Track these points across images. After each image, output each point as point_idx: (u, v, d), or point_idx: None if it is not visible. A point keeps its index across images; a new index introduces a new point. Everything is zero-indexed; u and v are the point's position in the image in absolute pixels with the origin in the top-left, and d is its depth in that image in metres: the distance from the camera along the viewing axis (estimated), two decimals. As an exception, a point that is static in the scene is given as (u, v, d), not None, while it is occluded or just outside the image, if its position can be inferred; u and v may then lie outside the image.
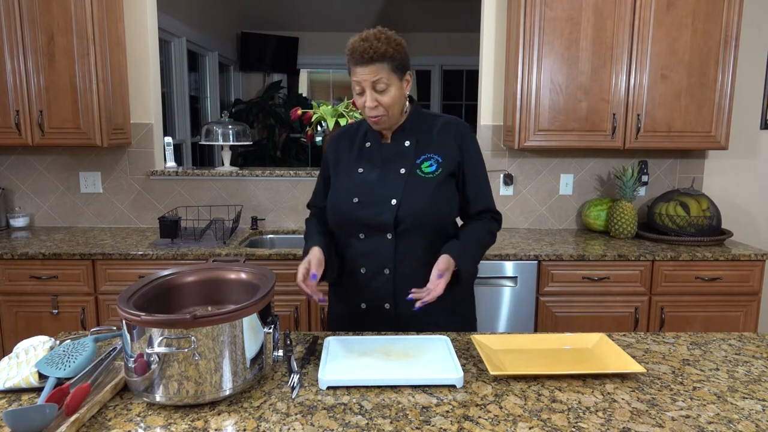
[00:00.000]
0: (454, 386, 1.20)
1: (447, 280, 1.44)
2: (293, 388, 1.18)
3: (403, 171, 1.54)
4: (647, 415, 1.09)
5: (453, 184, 1.58)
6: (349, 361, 1.28)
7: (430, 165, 1.54)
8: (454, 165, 1.56)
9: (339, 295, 1.67)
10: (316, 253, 1.51)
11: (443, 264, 1.45)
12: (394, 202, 1.51)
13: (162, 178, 3.09)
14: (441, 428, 1.04)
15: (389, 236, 1.53)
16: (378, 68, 1.43)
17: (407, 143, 1.57)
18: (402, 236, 1.53)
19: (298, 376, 1.22)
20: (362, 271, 1.57)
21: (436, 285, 1.42)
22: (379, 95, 1.46)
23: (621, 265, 2.57)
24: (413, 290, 1.41)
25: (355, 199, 1.54)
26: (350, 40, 1.46)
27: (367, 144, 1.61)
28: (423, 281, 1.46)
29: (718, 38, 2.68)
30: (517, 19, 2.74)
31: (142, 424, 1.05)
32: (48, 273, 2.53)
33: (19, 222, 3.06)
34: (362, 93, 1.47)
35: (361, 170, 1.58)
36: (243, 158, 6.35)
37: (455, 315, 1.63)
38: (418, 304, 1.40)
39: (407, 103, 1.57)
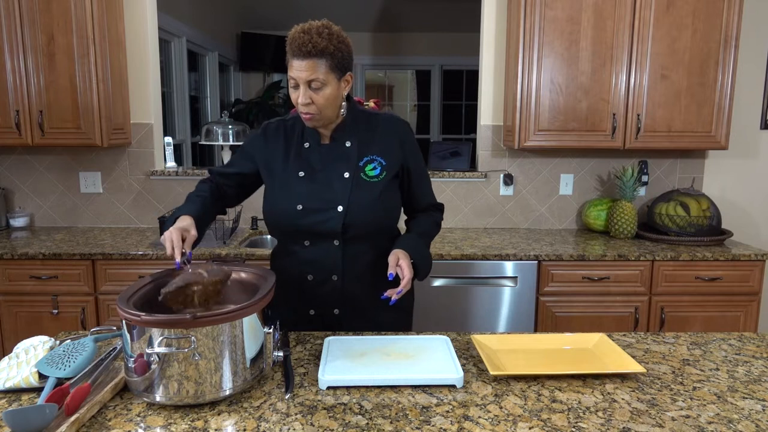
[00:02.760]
0: (454, 386, 1.20)
1: (411, 269, 1.46)
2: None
3: (347, 175, 1.49)
4: (647, 415, 1.09)
5: (396, 185, 1.57)
6: (349, 361, 1.28)
7: (374, 168, 1.51)
8: (398, 166, 1.54)
9: (285, 302, 1.59)
10: (192, 231, 1.37)
11: (404, 258, 1.46)
12: (340, 208, 1.47)
13: (162, 178, 3.09)
14: (441, 428, 1.04)
15: (336, 243, 1.50)
16: (315, 64, 1.35)
17: (348, 144, 1.51)
18: (349, 242, 1.51)
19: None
20: (309, 278, 1.55)
21: (409, 274, 1.42)
22: (313, 93, 1.38)
23: (621, 265, 2.57)
24: (388, 291, 1.42)
25: (299, 206, 1.48)
26: (292, 30, 1.39)
27: (306, 144, 1.52)
28: (370, 283, 1.51)
29: (718, 38, 2.68)
30: (517, 19, 2.74)
31: (142, 424, 1.05)
32: (48, 273, 2.53)
33: (19, 222, 3.06)
34: (297, 87, 1.39)
35: (302, 174, 1.50)
36: (243, 158, 6.34)
37: (399, 311, 1.62)
38: (394, 297, 1.41)
39: (344, 102, 1.50)
